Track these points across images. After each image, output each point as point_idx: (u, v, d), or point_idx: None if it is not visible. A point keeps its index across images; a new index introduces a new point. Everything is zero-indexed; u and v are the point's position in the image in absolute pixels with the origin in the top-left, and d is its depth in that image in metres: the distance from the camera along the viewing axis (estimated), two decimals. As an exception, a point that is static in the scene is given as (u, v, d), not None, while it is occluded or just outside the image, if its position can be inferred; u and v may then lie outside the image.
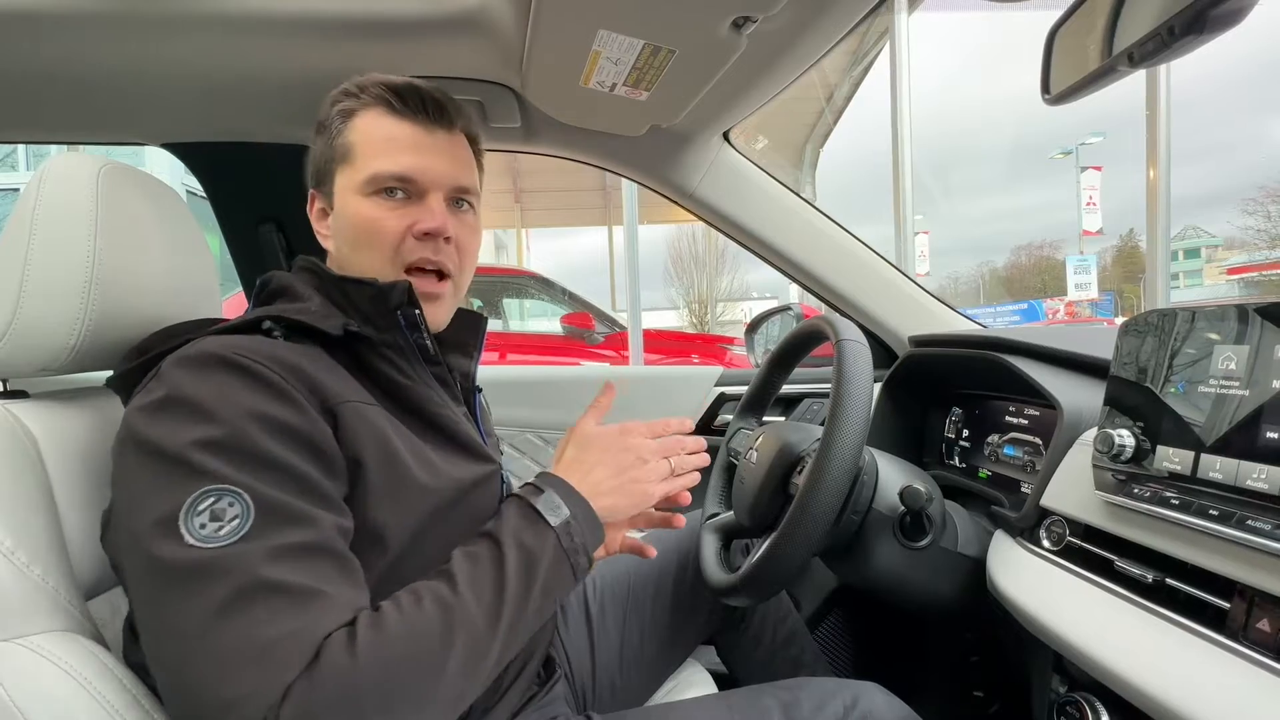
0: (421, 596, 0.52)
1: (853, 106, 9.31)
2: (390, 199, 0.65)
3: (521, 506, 0.60)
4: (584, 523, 0.60)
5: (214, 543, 0.47)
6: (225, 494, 0.48)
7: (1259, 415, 0.50)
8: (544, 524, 0.58)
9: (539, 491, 0.61)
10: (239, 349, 0.54)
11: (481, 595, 0.53)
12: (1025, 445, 0.92)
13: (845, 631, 1.26)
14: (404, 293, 0.63)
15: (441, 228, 0.65)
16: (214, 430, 0.49)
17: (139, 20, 0.77)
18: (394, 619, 0.50)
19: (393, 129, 0.65)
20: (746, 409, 1.04)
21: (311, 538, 0.50)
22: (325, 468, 0.53)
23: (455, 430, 0.66)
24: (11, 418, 0.58)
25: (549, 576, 0.57)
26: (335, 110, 0.67)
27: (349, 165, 0.65)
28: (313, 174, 0.70)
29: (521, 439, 1.41)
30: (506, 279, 5.05)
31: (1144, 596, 0.56)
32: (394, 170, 0.64)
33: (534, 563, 0.56)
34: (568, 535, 0.58)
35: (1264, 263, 26.92)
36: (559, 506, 0.60)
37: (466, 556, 0.56)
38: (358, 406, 0.58)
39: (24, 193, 0.61)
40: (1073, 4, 0.57)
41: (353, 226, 0.65)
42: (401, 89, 0.65)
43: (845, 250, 1.25)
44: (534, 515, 0.59)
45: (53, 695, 0.48)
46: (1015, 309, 23.08)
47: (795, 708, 0.69)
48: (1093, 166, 16.13)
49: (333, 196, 0.67)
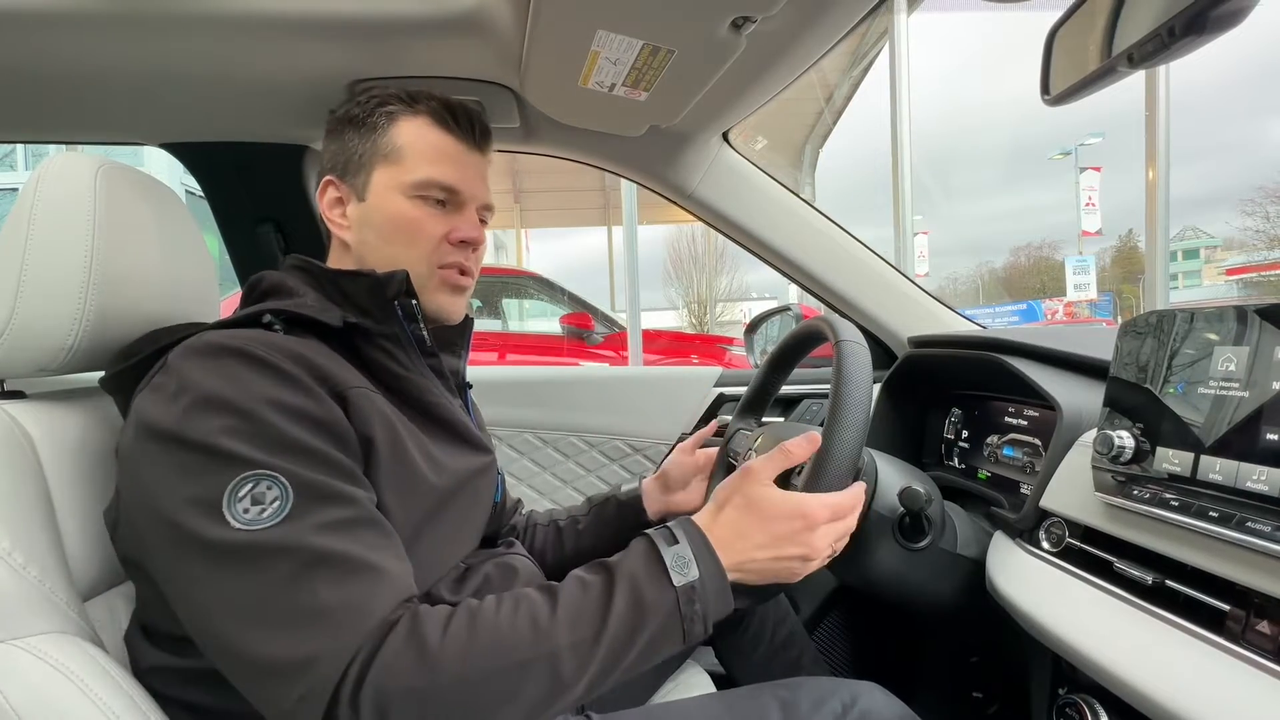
0: (519, 606, 0.52)
1: (852, 107, 9.32)
2: (431, 205, 0.70)
3: (649, 552, 0.55)
4: (712, 591, 0.54)
5: (260, 525, 0.48)
6: (262, 478, 0.49)
7: (1259, 416, 0.50)
8: (666, 581, 0.53)
9: (673, 540, 0.55)
10: (245, 339, 0.54)
11: (578, 631, 0.50)
12: (1025, 446, 0.92)
13: (844, 632, 1.25)
14: (402, 282, 0.65)
15: (479, 238, 0.72)
16: (237, 418, 0.50)
17: (138, 20, 0.77)
18: (489, 616, 0.50)
19: (442, 142, 0.70)
20: (745, 409, 1.03)
21: (352, 512, 0.51)
22: (345, 448, 0.55)
23: (453, 420, 0.67)
24: (9, 418, 0.57)
25: (655, 634, 0.52)
26: (380, 110, 0.70)
27: (395, 165, 0.69)
28: (336, 163, 0.71)
29: (520, 439, 1.41)
30: (506, 279, 5.06)
31: (1143, 598, 0.56)
32: (444, 180, 0.69)
33: (643, 617, 0.52)
34: (689, 601, 0.53)
35: (1263, 263, 26.94)
36: (689, 565, 0.54)
37: (579, 583, 0.53)
38: (365, 392, 0.59)
39: (22, 192, 0.61)
40: (1073, 4, 0.57)
41: (392, 222, 0.69)
42: (454, 107, 0.71)
43: (844, 251, 1.25)
44: (659, 567, 0.53)
45: (49, 697, 0.48)
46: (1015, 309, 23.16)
47: (793, 706, 0.69)
48: (1092, 167, 16.14)
49: (366, 190, 0.70)
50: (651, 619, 0.52)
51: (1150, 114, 4.13)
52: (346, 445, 0.55)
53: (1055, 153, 22.89)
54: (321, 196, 0.72)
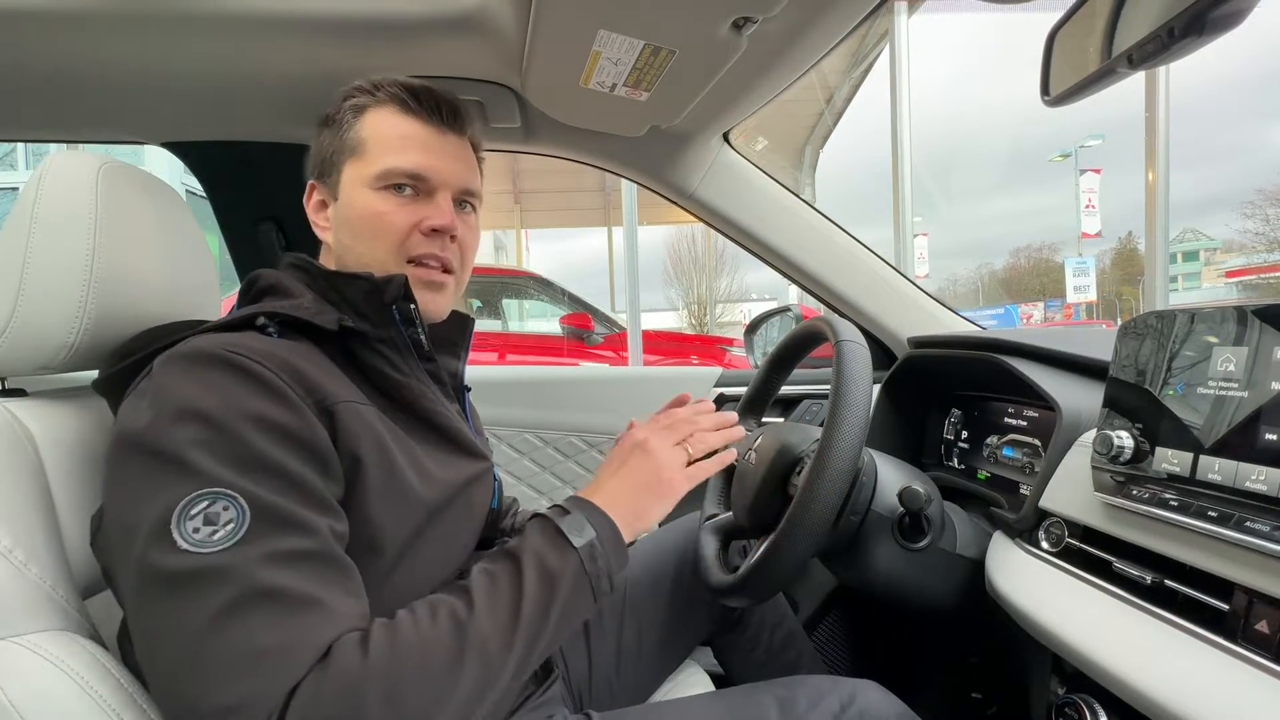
0: (437, 611, 0.51)
1: (852, 108, 9.32)
2: (399, 195, 0.66)
3: (545, 527, 0.58)
4: (609, 545, 0.58)
5: (207, 548, 0.45)
6: (220, 497, 0.47)
7: (1257, 417, 0.50)
8: (567, 545, 0.56)
9: (564, 513, 0.59)
10: (233, 346, 0.53)
11: (497, 614, 0.52)
12: (1024, 447, 0.92)
13: (843, 633, 1.26)
14: (400, 286, 0.63)
15: (450, 225, 0.67)
16: (209, 431, 0.49)
17: (139, 19, 0.77)
18: (408, 629, 0.49)
19: (406, 127, 0.66)
20: (746, 410, 1.04)
21: (308, 544, 0.49)
22: (321, 470, 0.52)
23: (449, 427, 0.66)
24: (9, 416, 0.57)
25: (569, 599, 0.55)
26: (348, 105, 0.68)
27: (359, 159, 0.66)
28: (315, 165, 0.70)
29: (520, 439, 1.41)
30: (506, 279, 5.06)
31: (1143, 598, 0.56)
32: (407, 167, 0.65)
33: (554, 585, 0.54)
34: (591, 558, 0.57)
35: (1262, 265, 26.97)
36: (584, 526, 0.58)
37: (485, 574, 0.55)
38: (354, 407, 0.57)
39: (23, 191, 0.61)
40: (1073, 5, 0.57)
41: (359, 218, 0.66)
42: (417, 90, 0.67)
43: (844, 252, 1.25)
44: (558, 536, 0.57)
45: (49, 694, 0.48)
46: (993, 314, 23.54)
47: (791, 704, 0.69)
48: (1091, 169, 16.16)
49: (338, 188, 0.68)
50: (562, 584, 0.55)
51: (1150, 116, 4.14)
52: (325, 465, 0.53)
53: (1055, 155, 22.94)
54: (308, 201, 0.71)
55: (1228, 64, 70.72)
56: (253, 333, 0.57)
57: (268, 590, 0.46)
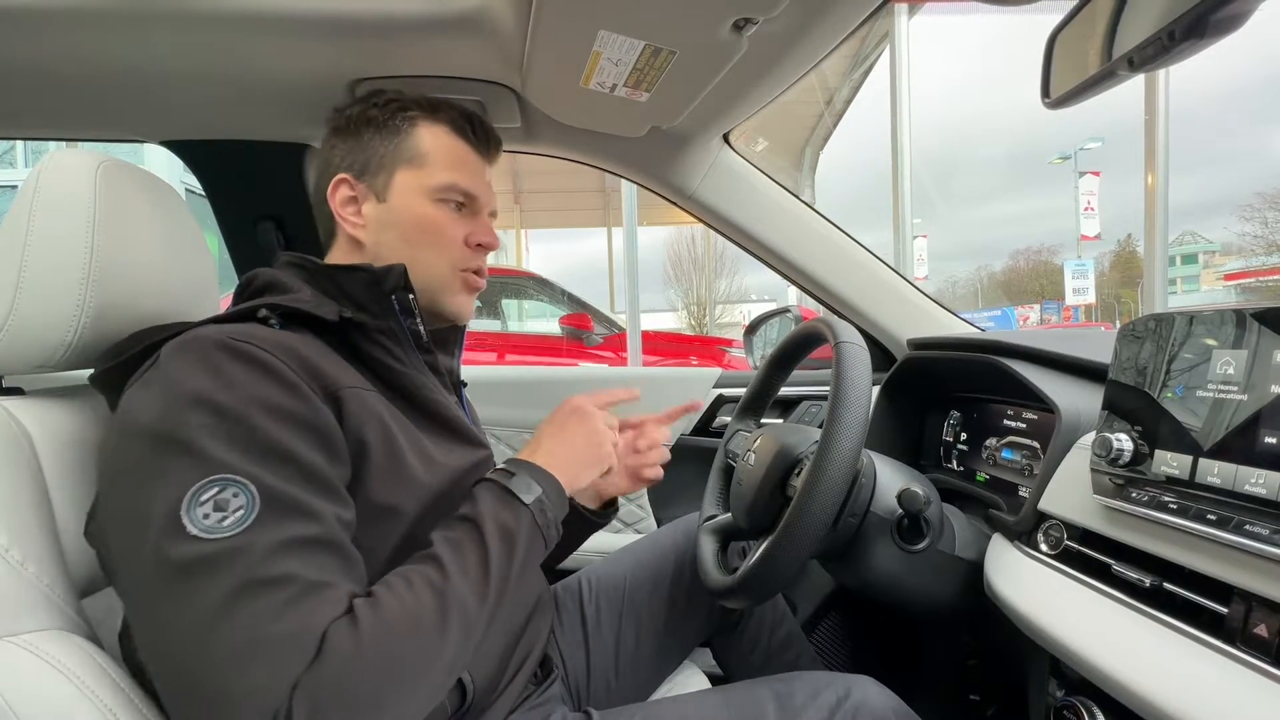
0: (412, 580, 0.52)
1: (853, 110, 9.34)
2: (452, 209, 0.73)
3: (496, 489, 0.62)
4: (553, 497, 0.64)
5: (217, 534, 0.46)
6: (230, 484, 0.48)
7: (1257, 420, 0.50)
8: (518, 502, 0.61)
9: (510, 474, 0.63)
10: (241, 335, 0.54)
11: (469, 574, 0.55)
12: (1023, 449, 0.92)
13: (842, 634, 1.25)
14: (400, 276, 0.65)
15: (495, 243, 0.77)
16: (219, 418, 0.49)
17: (139, 18, 0.77)
18: (391, 603, 0.50)
19: (461, 150, 0.74)
20: (745, 411, 1.04)
21: (315, 531, 0.50)
22: (329, 455, 0.54)
23: (448, 415, 0.68)
24: (7, 415, 0.57)
25: (526, 550, 0.59)
26: (402, 115, 0.72)
27: (418, 168, 0.72)
28: (354, 163, 0.72)
29: (519, 439, 1.41)
30: (505, 279, 5.05)
31: (1141, 600, 0.56)
32: (466, 187, 0.73)
33: (513, 540, 0.58)
34: (541, 512, 0.61)
35: (1261, 268, 27.00)
36: (530, 485, 0.62)
37: (448, 542, 0.57)
38: (359, 392, 0.58)
39: (22, 188, 0.61)
40: (1073, 8, 0.57)
41: (416, 224, 0.72)
42: (472, 118, 0.76)
43: (844, 253, 1.25)
44: (508, 496, 0.61)
45: (46, 694, 0.48)
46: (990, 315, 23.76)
47: (789, 699, 0.70)
48: (1091, 172, 16.17)
49: (388, 191, 0.72)
50: (520, 539, 0.59)
51: (1150, 119, 4.14)
52: (332, 451, 0.54)
53: (1055, 157, 22.93)
54: (333, 194, 0.72)
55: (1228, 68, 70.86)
56: (255, 324, 0.58)
57: (274, 578, 0.46)
